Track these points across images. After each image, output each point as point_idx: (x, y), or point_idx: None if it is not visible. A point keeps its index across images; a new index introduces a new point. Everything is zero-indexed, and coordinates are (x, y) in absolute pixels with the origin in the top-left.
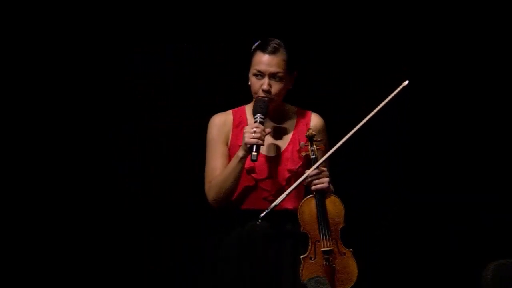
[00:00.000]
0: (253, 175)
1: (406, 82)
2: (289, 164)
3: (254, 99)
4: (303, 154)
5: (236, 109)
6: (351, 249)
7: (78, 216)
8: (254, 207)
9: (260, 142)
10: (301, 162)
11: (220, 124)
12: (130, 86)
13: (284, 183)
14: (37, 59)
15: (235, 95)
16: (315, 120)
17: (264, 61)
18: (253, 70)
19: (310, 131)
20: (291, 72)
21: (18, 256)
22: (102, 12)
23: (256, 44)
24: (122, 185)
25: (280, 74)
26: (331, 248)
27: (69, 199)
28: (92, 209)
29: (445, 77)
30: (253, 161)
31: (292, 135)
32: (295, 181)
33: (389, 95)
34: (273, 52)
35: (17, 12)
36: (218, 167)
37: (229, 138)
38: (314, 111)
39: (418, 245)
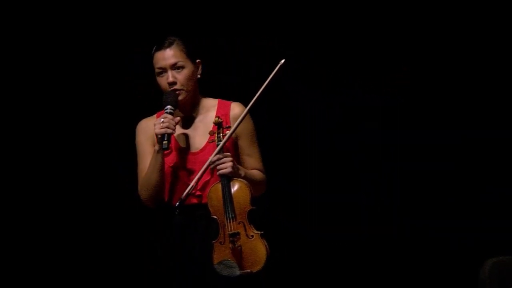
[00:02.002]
0: (177, 171)
1: (283, 61)
2: (210, 157)
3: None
4: (210, 141)
5: (161, 111)
6: (260, 231)
7: (78, 216)
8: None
9: (169, 130)
10: None
11: (145, 128)
12: (130, 86)
13: (207, 177)
14: (37, 60)
15: (235, 95)
16: (235, 110)
17: (161, 57)
18: (156, 71)
19: (217, 118)
20: (193, 60)
21: (18, 256)
22: (102, 12)
23: (153, 50)
24: (122, 185)
25: (180, 63)
26: (236, 231)
27: (69, 199)
28: (92, 209)
29: (443, 76)
30: (165, 149)
31: (212, 128)
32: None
33: (273, 76)
34: (168, 46)
35: (17, 12)
36: (147, 168)
37: (154, 139)
38: (316, 111)
39: (417, 245)
